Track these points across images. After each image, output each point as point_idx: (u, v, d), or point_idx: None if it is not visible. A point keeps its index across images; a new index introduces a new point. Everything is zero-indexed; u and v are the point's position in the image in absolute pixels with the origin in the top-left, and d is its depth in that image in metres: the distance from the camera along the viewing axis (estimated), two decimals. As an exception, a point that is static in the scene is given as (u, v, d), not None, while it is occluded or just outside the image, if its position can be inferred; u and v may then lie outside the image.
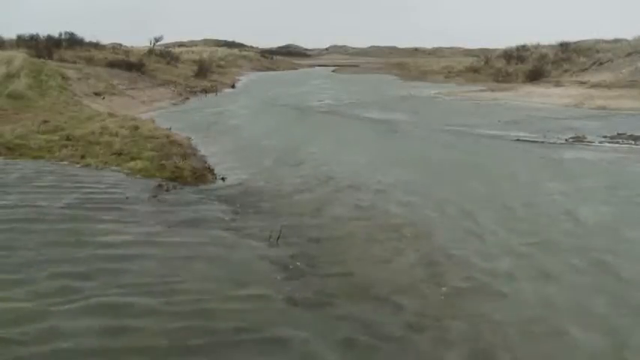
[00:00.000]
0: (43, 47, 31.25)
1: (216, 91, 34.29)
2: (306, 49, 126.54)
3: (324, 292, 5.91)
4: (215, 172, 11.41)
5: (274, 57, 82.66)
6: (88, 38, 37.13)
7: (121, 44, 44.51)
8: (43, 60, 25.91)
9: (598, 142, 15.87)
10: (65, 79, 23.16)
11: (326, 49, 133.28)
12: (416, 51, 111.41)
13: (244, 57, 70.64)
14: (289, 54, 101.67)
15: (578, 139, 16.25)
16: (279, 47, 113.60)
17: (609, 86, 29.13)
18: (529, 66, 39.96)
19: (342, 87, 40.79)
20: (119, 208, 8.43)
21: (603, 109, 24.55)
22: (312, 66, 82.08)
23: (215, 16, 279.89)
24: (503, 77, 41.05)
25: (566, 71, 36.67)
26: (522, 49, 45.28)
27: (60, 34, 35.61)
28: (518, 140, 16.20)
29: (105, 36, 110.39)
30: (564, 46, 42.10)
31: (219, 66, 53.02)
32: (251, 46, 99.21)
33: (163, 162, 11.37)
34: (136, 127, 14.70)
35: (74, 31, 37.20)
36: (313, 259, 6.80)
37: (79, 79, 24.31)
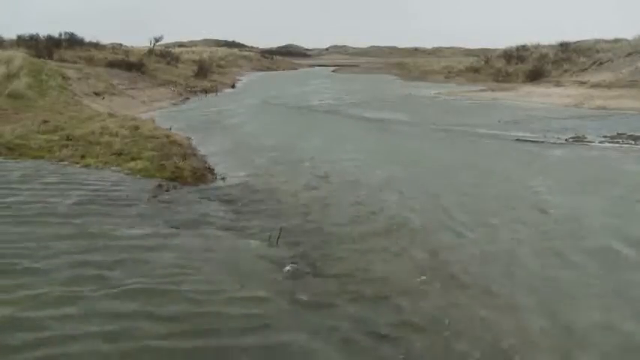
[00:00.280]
0: (43, 47, 31.28)
1: (216, 91, 34.30)
2: (306, 49, 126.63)
3: (324, 293, 5.90)
4: (215, 172, 11.41)
5: (274, 57, 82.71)
6: (88, 38, 37.27)
7: (121, 44, 44.51)
8: (43, 60, 25.92)
9: (598, 142, 15.87)
10: (65, 79, 23.16)
11: (326, 49, 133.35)
12: (416, 51, 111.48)
13: (244, 57, 70.72)
14: (289, 54, 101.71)
15: (577, 139, 16.24)
16: (279, 47, 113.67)
17: (609, 86, 29.13)
18: (529, 66, 39.97)
19: (342, 87, 40.80)
20: (119, 208, 8.43)
21: (603, 109, 24.56)
22: (312, 66, 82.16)
23: (215, 16, 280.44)
24: (503, 77, 41.07)
25: (566, 71, 36.68)
26: (522, 49, 45.29)
27: (60, 34, 35.72)
28: (518, 140, 16.20)
29: (105, 36, 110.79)
30: (564, 46, 42.11)
31: (219, 66, 53.06)
32: (251, 46, 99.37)
33: (163, 162, 11.36)
34: (136, 127, 14.69)
35: (74, 31, 37.31)
36: (313, 259, 6.79)
37: (79, 79, 24.31)
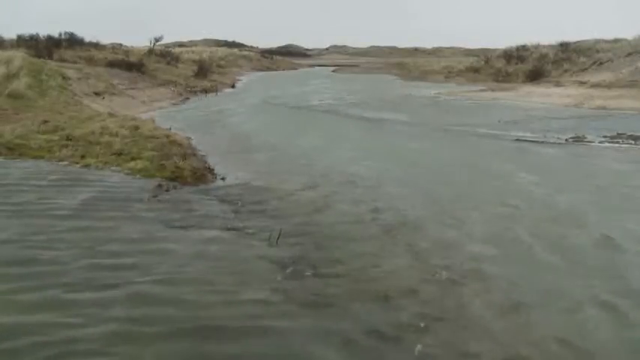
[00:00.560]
0: (43, 47, 31.28)
1: (216, 91, 34.31)
2: (306, 49, 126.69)
3: (323, 293, 5.90)
4: (215, 171, 11.41)
5: (274, 57, 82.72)
6: (88, 38, 37.25)
7: (121, 44, 44.51)
8: (43, 60, 25.92)
9: (598, 142, 15.87)
10: (65, 79, 23.16)
11: (326, 49, 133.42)
12: (416, 51, 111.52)
13: (244, 57, 70.74)
14: (289, 54, 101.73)
15: (577, 139, 16.24)
16: (279, 47, 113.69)
17: (609, 86, 29.13)
18: (529, 66, 39.98)
19: (342, 87, 40.80)
20: (119, 208, 8.43)
21: (603, 109, 24.56)
22: (312, 66, 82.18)
23: (215, 16, 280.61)
24: (503, 77, 41.08)
25: (566, 71, 36.68)
26: (522, 49, 45.29)
27: (60, 34, 35.71)
28: (518, 140, 16.20)
29: (105, 36, 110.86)
30: (564, 46, 42.11)
31: (219, 66, 53.07)
32: (251, 46, 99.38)
33: (163, 162, 11.35)
34: (136, 127, 14.69)
35: (74, 31, 37.31)
36: (313, 259, 6.79)
37: (79, 79, 24.31)
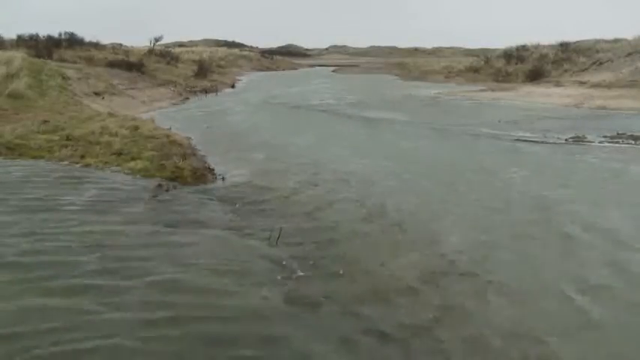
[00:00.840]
0: (43, 47, 31.28)
1: (216, 91, 34.31)
2: (306, 49, 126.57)
3: (323, 292, 5.90)
4: (215, 171, 11.41)
5: (274, 57, 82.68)
6: (88, 38, 37.25)
7: (121, 44, 44.51)
8: (43, 60, 25.92)
9: (597, 142, 15.86)
10: (65, 79, 23.16)
11: (326, 49, 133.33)
12: (416, 51, 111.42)
13: (244, 57, 70.72)
14: (289, 54, 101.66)
15: (577, 139, 16.24)
16: (279, 47, 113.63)
17: (609, 86, 29.13)
18: (529, 66, 39.97)
19: (342, 87, 40.80)
20: (119, 208, 8.43)
21: (603, 108, 24.57)
22: (312, 66, 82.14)
23: (215, 16, 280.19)
24: (503, 77, 41.08)
25: (566, 71, 36.68)
26: (522, 49, 45.27)
27: (60, 34, 35.71)
28: (517, 140, 16.19)
29: (105, 36, 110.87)
30: (564, 46, 42.10)
31: (219, 66, 53.07)
32: (251, 46, 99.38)
33: (163, 162, 11.35)
34: (136, 127, 14.70)
35: (74, 31, 37.31)
36: (313, 259, 6.79)
37: (79, 79, 24.30)
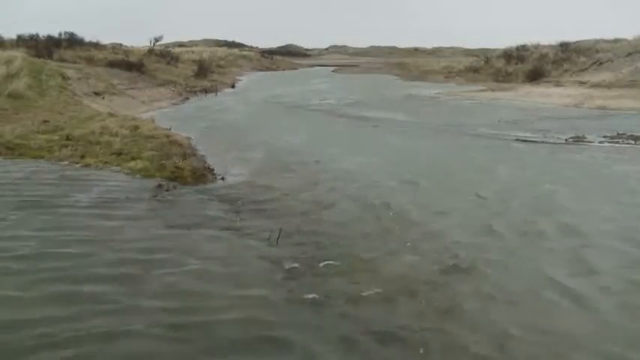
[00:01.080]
0: (43, 47, 31.24)
1: (216, 91, 34.31)
2: (306, 49, 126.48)
3: (324, 293, 5.90)
4: (215, 171, 11.41)
5: (274, 57, 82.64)
6: (88, 38, 37.19)
7: (121, 44, 44.46)
8: (43, 60, 25.89)
9: (597, 142, 15.86)
10: (65, 78, 23.15)
11: (326, 49, 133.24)
12: (416, 51, 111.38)
13: (244, 57, 70.69)
14: (289, 54, 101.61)
15: (577, 139, 16.24)
16: (279, 47, 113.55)
17: (609, 86, 29.12)
18: (529, 66, 39.94)
19: (341, 87, 40.81)
20: (119, 208, 8.43)
21: (603, 108, 24.56)
22: (312, 66, 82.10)
23: (215, 16, 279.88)
24: (503, 77, 41.07)
25: (566, 71, 36.67)
26: (522, 49, 45.25)
27: (60, 34, 35.64)
28: (517, 140, 16.19)
29: (105, 36, 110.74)
30: (564, 46, 42.09)
31: (219, 66, 53.05)
32: (251, 46, 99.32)
33: (163, 162, 11.35)
34: (136, 127, 14.70)
35: (74, 31, 37.27)
36: (313, 258, 6.79)
37: (79, 79, 24.29)
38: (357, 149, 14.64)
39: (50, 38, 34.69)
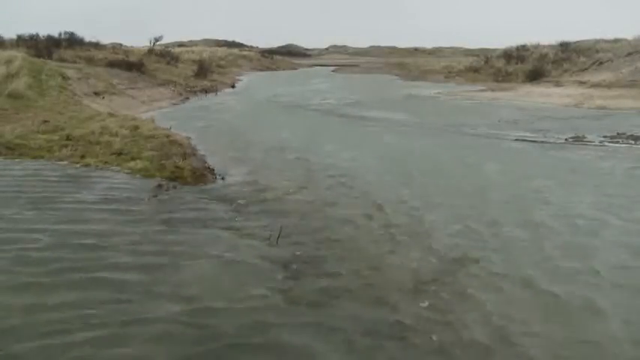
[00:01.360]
0: (42, 47, 31.25)
1: (216, 90, 34.32)
2: (306, 49, 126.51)
3: (324, 292, 5.91)
4: (215, 171, 11.41)
5: (274, 57, 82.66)
6: (87, 38, 37.25)
7: (121, 44, 44.55)
8: (43, 60, 25.91)
9: (597, 142, 15.85)
10: (65, 78, 23.15)
11: (326, 49, 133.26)
12: (416, 51, 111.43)
13: (244, 57, 70.72)
14: (289, 54, 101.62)
15: (577, 139, 16.23)
16: (279, 47, 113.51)
17: (609, 86, 29.13)
18: (529, 66, 39.96)
19: (341, 87, 40.81)
20: (119, 208, 8.43)
21: (603, 108, 24.56)
22: (312, 66, 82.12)
23: (215, 16, 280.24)
24: (503, 77, 41.08)
25: (566, 71, 36.67)
26: (522, 49, 45.28)
27: (60, 34, 35.68)
28: (517, 140, 16.18)
29: (105, 36, 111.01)
30: (564, 45, 42.12)
31: (219, 66, 53.08)
32: (251, 46, 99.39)
33: (163, 162, 11.35)
34: (136, 127, 14.70)
35: (74, 31, 37.29)
36: (313, 258, 6.79)
37: (79, 79, 24.30)
38: (357, 149, 14.63)
39: (50, 38, 34.71)
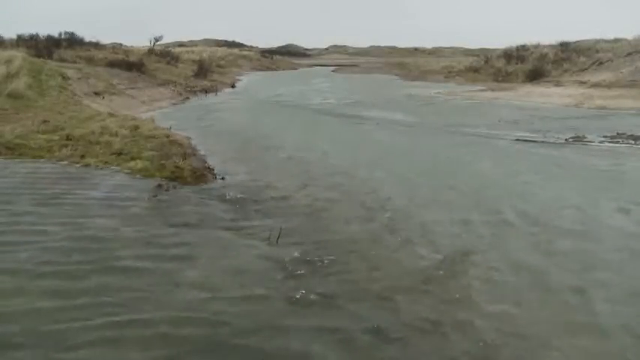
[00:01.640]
0: (42, 47, 31.24)
1: (216, 90, 34.32)
2: (306, 49, 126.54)
3: (324, 292, 5.91)
4: (215, 171, 11.41)
5: (274, 57, 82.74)
6: (87, 38, 37.24)
7: (121, 44, 44.59)
8: (43, 60, 25.89)
9: (598, 142, 15.85)
10: (65, 78, 23.14)
11: (326, 49, 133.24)
12: (416, 51, 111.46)
13: (244, 57, 70.78)
14: (289, 54, 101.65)
15: (577, 139, 16.23)
16: (279, 47, 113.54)
17: (609, 86, 29.12)
18: (529, 66, 39.94)
19: (342, 87, 40.83)
20: (119, 208, 8.44)
21: (603, 108, 24.56)
22: (312, 66, 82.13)
23: (215, 16, 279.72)
24: (503, 77, 41.07)
25: (566, 71, 36.66)
26: (522, 48, 45.27)
27: (60, 34, 35.68)
28: (517, 140, 16.18)
29: (105, 36, 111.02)
30: (564, 45, 42.12)
31: (219, 66, 53.09)
32: (251, 46, 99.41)
33: (163, 162, 11.35)
34: (136, 127, 14.70)
35: (74, 30, 37.33)
36: (313, 258, 6.78)
37: (79, 79, 24.29)
38: (357, 150, 14.66)
39: (50, 38, 34.70)
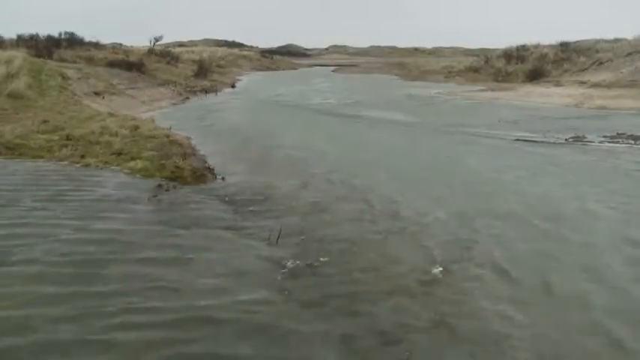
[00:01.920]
0: (43, 47, 31.26)
1: (216, 90, 34.34)
2: (306, 49, 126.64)
3: (324, 292, 5.90)
4: (215, 171, 11.41)
5: (274, 57, 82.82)
6: (87, 38, 37.29)
7: (121, 44, 44.64)
8: (43, 60, 25.90)
9: (598, 142, 15.85)
10: (65, 78, 23.15)
11: (326, 49, 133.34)
12: (416, 51, 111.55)
13: (244, 57, 70.85)
14: (289, 54, 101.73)
15: (577, 139, 16.23)
16: (279, 47, 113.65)
17: (609, 86, 29.13)
18: (529, 66, 39.96)
19: (342, 87, 40.84)
20: (119, 208, 8.44)
21: (603, 108, 24.56)
22: (312, 66, 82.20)
23: (215, 16, 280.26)
24: (503, 77, 41.09)
25: (566, 71, 36.67)
26: (522, 49, 45.30)
27: (60, 34, 35.75)
28: (517, 140, 16.17)
29: (105, 36, 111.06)
30: (564, 45, 42.15)
31: (219, 66, 53.12)
32: (251, 46, 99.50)
33: (163, 162, 11.35)
34: (136, 127, 14.70)
35: (74, 30, 37.37)
36: (313, 258, 6.79)
37: (79, 79, 24.29)
38: (356, 150, 14.65)
39: (50, 38, 34.72)
